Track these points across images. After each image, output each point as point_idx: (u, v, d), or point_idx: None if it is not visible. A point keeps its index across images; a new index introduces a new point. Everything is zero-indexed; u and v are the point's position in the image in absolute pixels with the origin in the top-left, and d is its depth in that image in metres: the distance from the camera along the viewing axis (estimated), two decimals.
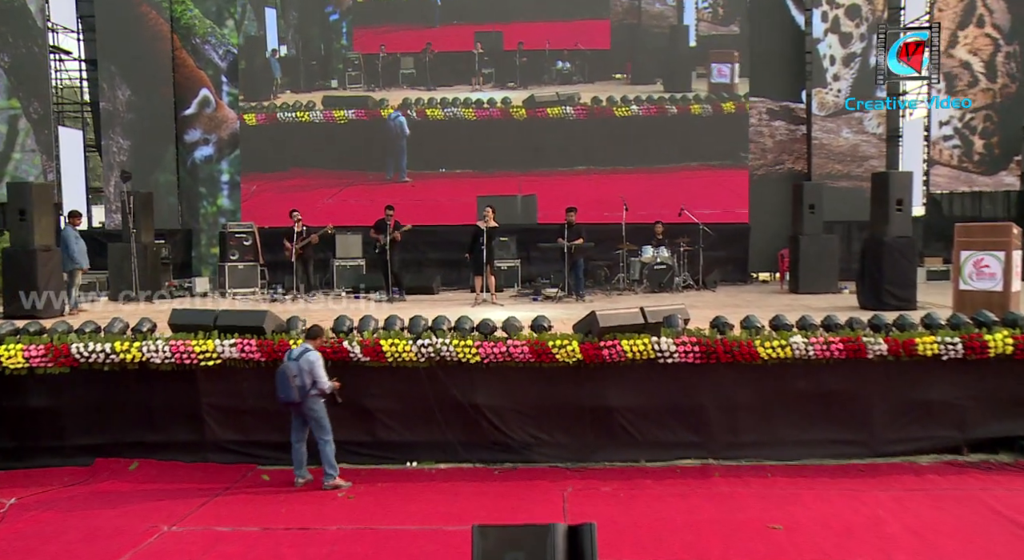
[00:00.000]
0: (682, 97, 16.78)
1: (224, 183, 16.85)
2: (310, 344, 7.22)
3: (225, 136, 16.70)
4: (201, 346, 7.73)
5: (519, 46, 17.00)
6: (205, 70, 16.60)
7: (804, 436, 7.90)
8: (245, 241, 14.20)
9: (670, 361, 7.75)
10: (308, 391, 7.06)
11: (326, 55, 16.86)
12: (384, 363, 7.79)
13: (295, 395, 7.05)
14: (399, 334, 7.86)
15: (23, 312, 10.16)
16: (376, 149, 16.86)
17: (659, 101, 16.79)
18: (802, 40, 16.68)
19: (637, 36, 16.95)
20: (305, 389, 7.04)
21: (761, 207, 16.54)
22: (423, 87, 16.98)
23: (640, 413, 7.92)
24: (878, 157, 16.48)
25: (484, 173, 16.71)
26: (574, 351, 7.69)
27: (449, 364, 7.81)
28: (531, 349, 7.72)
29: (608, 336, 7.76)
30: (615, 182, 16.38)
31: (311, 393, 7.07)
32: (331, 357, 7.75)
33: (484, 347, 7.74)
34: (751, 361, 7.75)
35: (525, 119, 16.95)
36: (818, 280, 13.27)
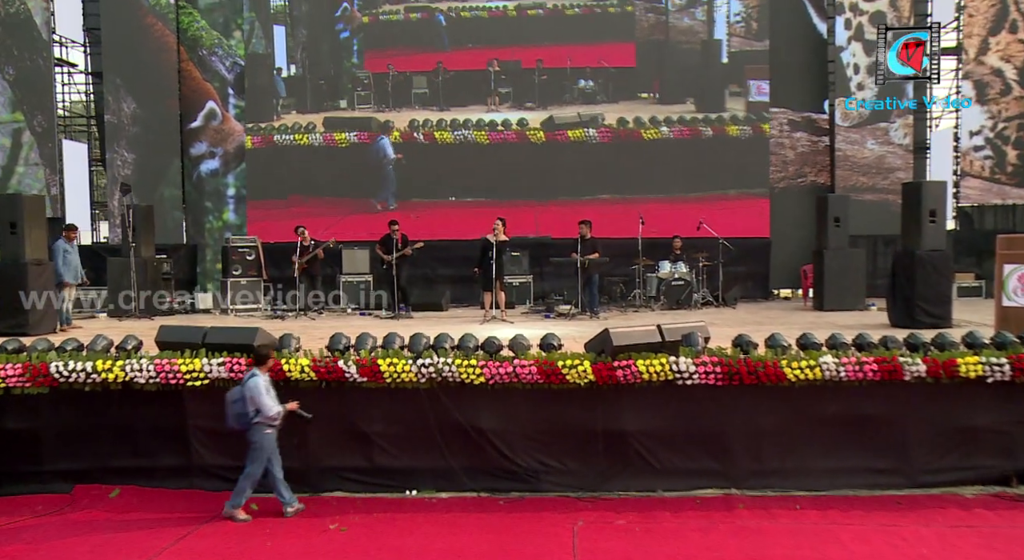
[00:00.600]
0: (717, 117, 15.90)
1: (230, 197, 16.48)
2: (258, 369, 6.73)
3: (231, 149, 16.35)
4: (188, 365, 7.25)
5: (538, 64, 16.21)
6: (211, 82, 16.28)
7: (835, 464, 7.29)
8: (248, 256, 13.78)
9: (689, 383, 7.19)
10: (251, 419, 6.57)
11: (335, 74, 16.33)
12: (382, 384, 7.28)
13: (233, 422, 6.63)
14: (398, 353, 7.35)
15: (13, 328, 9.76)
16: (379, 175, 16.16)
17: (692, 122, 15.88)
18: (824, 49, 16.14)
19: (665, 53, 16.12)
20: (247, 417, 6.59)
21: (782, 221, 15.93)
22: (435, 107, 16.30)
23: (657, 438, 7.35)
24: (905, 169, 15.86)
25: (498, 201, 15.29)
26: (586, 372, 7.15)
27: (452, 385, 7.29)
28: (539, 369, 7.18)
29: (622, 356, 7.21)
30: (644, 212, 14.43)
31: (255, 421, 6.59)
32: (325, 377, 7.27)
33: (489, 367, 7.21)
34: (777, 383, 7.17)
35: (543, 143, 16.05)
36: (844, 296, 12.66)
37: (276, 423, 6.70)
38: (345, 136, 16.07)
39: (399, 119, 16.21)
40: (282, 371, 7.25)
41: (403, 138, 16.18)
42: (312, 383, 7.31)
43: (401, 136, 16.18)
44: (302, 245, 12.73)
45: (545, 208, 15.82)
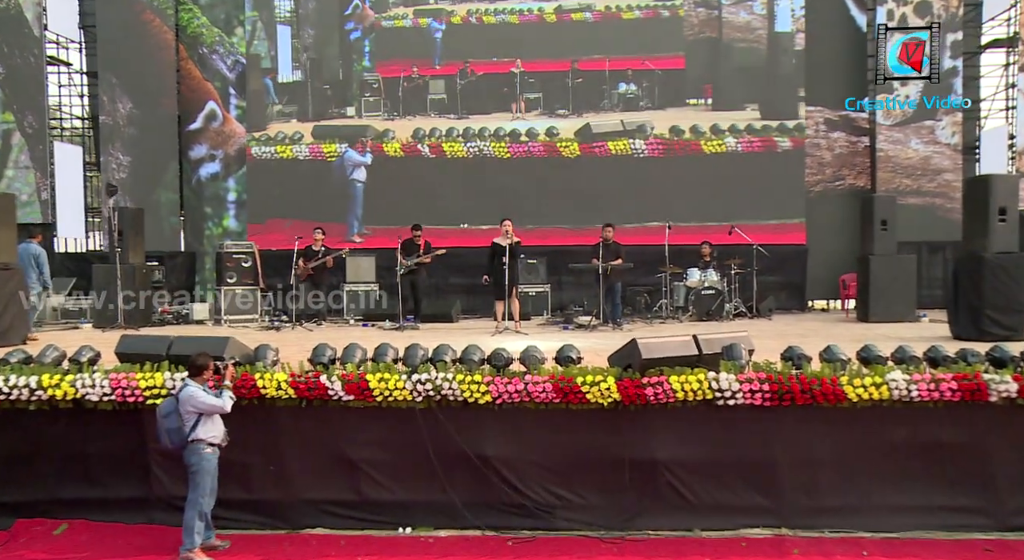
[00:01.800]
0: (796, 126, 14.36)
1: (231, 203, 15.58)
2: (192, 381, 5.77)
3: (232, 152, 15.47)
4: (147, 380, 6.27)
5: (572, 65, 14.68)
6: (212, 82, 15.45)
7: (906, 501, 6.16)
8: (244, 263, 12.84)
9: (732, 403, 6.10)
10: (187, 436, 5.64)
11: (344, 79, 15.16)
12: (372, 403, 6.26)
13: (165, 440, 5.73)
14: (391, 367, 6.32)
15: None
16: (373, 193, 14.70)
17: (764, 131, 14.34)
18: (863, 43, 15.02)
19: (718, 53, 14.70)
20: (182, 434, 5.67)
21: (818, 228, 14.74)
22: (452, 115, 14.85)
23: (693, 469, 6.26)
24: (953, 170, 14.66)
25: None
26: (610, 390, 6.08)
27: (453, 405, 6.25)
28: (555, 387, 6.13)
29: (653, 371, 6.14)
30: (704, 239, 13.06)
31: (192, 439, 5.67)
32: (306, 394, 6.26)
33: (496, 384, 6.16)
34: (836, 404, 6.06)
35: (578, 156, 14.38)
36: (892, 307, 11.49)
37: (220, 441, 5.74)
38: (335, 148, 14.88)
39: (403, 128, 14.75)
40: (256, 388, 6.26)
41: (404, 151, 14.74)
42: (290, 402, 6.31)
43: (402, 148, 14.76)
44: (313, 249, 11.84)
45: (579, 236, 13.48)
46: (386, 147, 14.87)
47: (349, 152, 14.86)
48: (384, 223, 14.35)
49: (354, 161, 14.90)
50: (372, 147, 14.89)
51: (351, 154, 14.88)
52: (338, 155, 14.84)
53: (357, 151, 14.88)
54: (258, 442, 6.37)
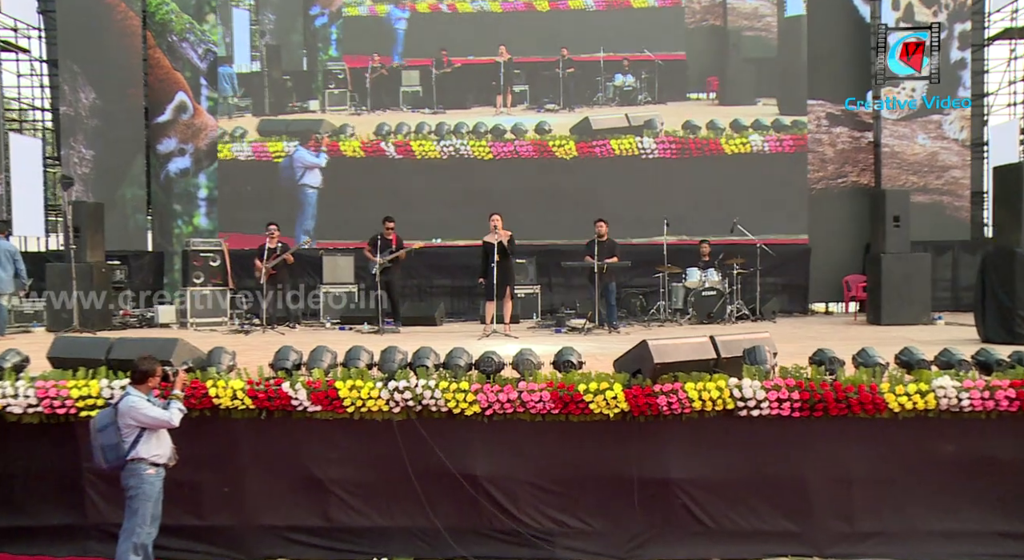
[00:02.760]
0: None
1: (202, 199, 14.67)
2: (135, 389, 4.93)
3: (203, 146, 14.55)
4: (81, 389, 5.42)
5: (563, 54, 13.64)
6: (182, 72, 14.55)
7: (955, 526, 5.40)
8: (212, 262, 11.94)
9: (756, 414, 5.33)
10: (125, 454, 4.80)
11: (309, 69, 14.08)
12: (342, 415, 5.44)
13: (99, 459, 4.90)
14: (364, 373, 5.49)
15: None
16: (328, 201, 13.37)
17: (795, 128, 13.34)
18: (866, 33, 14.36)
19: (726, 42, 13.76)
20: (119, 452, 4.83)
21: (820, 226, 14.03)
22: (426, 109, 13.71)
23: (712, 488, 5.47)
24: (961, 166, 14.01)
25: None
26: (617, 399, 5.29)
27: (436, 417, 5.44)
28: (554, 396, 5.32)
29: (666, 377, 5.35)
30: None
31: (131, 457, 4.83)
32: (265, 405, 5.42)
33: (486, 393, 5.35)
34: (874, 414, 5.30)
35: (574, 158, 13.18)
36: (905, 309, 10.76)
37: (166, 460, 4.90)
38: (283, 147, 13.76)
39: (367, 124, 13.55)
40: (208, 397, 5.41)
41: (365, 150, 13.62)
42: (249, 413, 5.48)
43: (363, 147, 13.66)
44: (268, 248, 10.88)
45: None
46: (343, 146, 13.72)
47: (299, 151, 13.72)
48: (340, 236, 13.15)
49: (305, 162, 13.70)
50: (328, 145, 13.73)
51: (302, 154, 13.73)
52: (286, 155, 13.75)
53: (310, 150, 13.75)
54: (211, 460, 5.54)
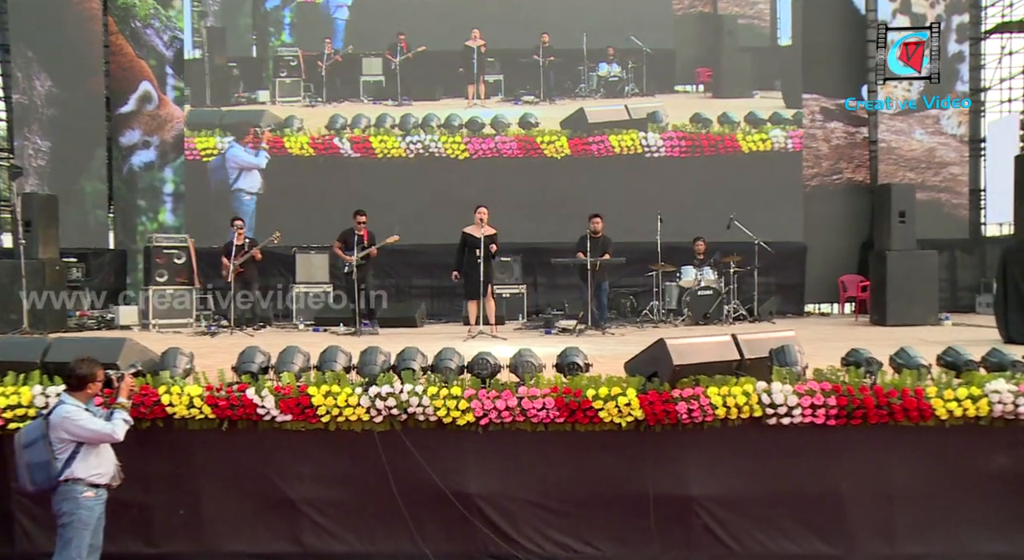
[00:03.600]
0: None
1: (167, 195, 13.82)
2: (70, 396, 4.20)
3: (169, 139, 13.71)
4: (9, 397, 4.67)
5: (543, 41, 12.81)
6: (147, 60, 13.71)
7: (1009, 549, 4.81)
8: (177, 259, 11.14)
9: (786, 422, 4.71)
10: (58, 474, 4.08)
11: (259, 56, 13.10)
12: (316, 425, 4.73)
13: (25, 479, 4.16)
14: (341, 378, 4.80)
15: None
16: (268, 210, 12.19)
17: (793, 122, 12.69)
18: (862, 26, 13.89)
19: (715, 30, 13.15)
20: (49, 471, 4.10)
21: (814, 225, 13.51)
22: (389, 101, 12.70)
23: (737, 506, 4.84)
24: (959, 163, 13.58)
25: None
26: (630, 406, 4.64)
27: (424, 427, 4.76)
28: (559, 403, 4.66)
29: (686, 381, 4.72)
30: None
31: (64, 478, 4.11)
32: (228, 414, 4.71)
33: (482, 399, 4.68)
34: (918, 422, 4.70)
35: (566, 156, 12.17)
36: (911, 308, 10.24)
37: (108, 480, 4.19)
38: (215, 143, 12.69)
39: (314, 117, 12.45)
40: (160, 406, 4.69)
41: (315, 147, 12.60)
42: (207, 424, 4.77)
43: (311, 143, 12.65)
44: (235, 244, 10.13)
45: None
46: (288, 142, 12.62)
47: (233, 149, 12.57)
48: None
49: (240, 162, 12.53)
50: (270, 141, 12.66)
51: (236, 152, 12.58)
52: (218, 153, 12.77)
53: (247, 147, 12.65)
54: (164, 477, 4.82)
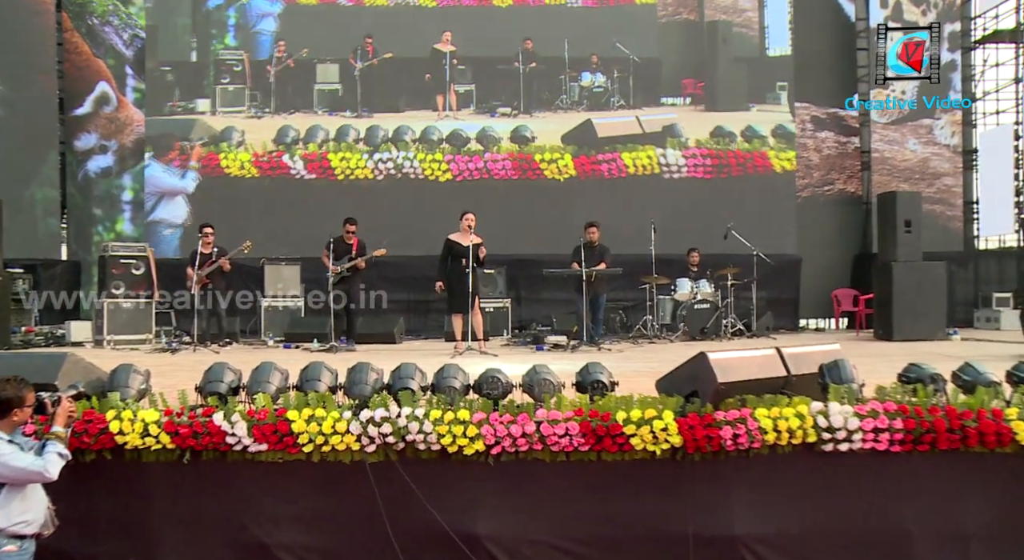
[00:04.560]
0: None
1: (126, 204, 12.92)
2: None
3: (129, 143, 12.83)
4: None
5: (525, 47, 12.16)
6: (105, 59, 12.85)
7: None
8: (135, 269, 10.29)
9: (844, 448, 4.07)
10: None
11: (200, 60, 12.27)
12: (296, 456, 3.98)
13: None
14: (327, 400, 4.05)
15: None
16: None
17: (787, 137, 12.17)
18: (852, 33, 13.55)
19: (701, 39, 12.76)
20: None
21: (806, 238, 13.02)
22: (349, 112, 11.94)
23: (788, 547, 4.16)
24: (953, 174, 13.25)
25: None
26: (667, 431, 3.97)
27: (424, 457, 4.03)
28: (584, 427, 3.97)
29: (731, 401, 4.06)
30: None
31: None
32: (191, 444, 3.94)
33: (494, 425, 3.97)
34: (994, 448, 4.09)
35: (570, 178, 11.47)
36: (919, 323, 9.76)
37: (38, 528, 3.42)
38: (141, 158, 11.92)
39: (258, 129, 11.58)
40: (109, 434, 3.91)
41: (258, 165, 11.72)
42: (166, 455, 3.99)
43: (254, 161, 11.78)
44: (202, 253, 9.32)
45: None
46: (226, 160, 11.73)
47: (151, 169, 11.58)
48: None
49: (159, 186, 11.54)
50: (201, 159, 11.73)
51: (154, 173, 11.55)
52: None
53: (170, 167, 11.64)
54: (112, 521, 4.03)
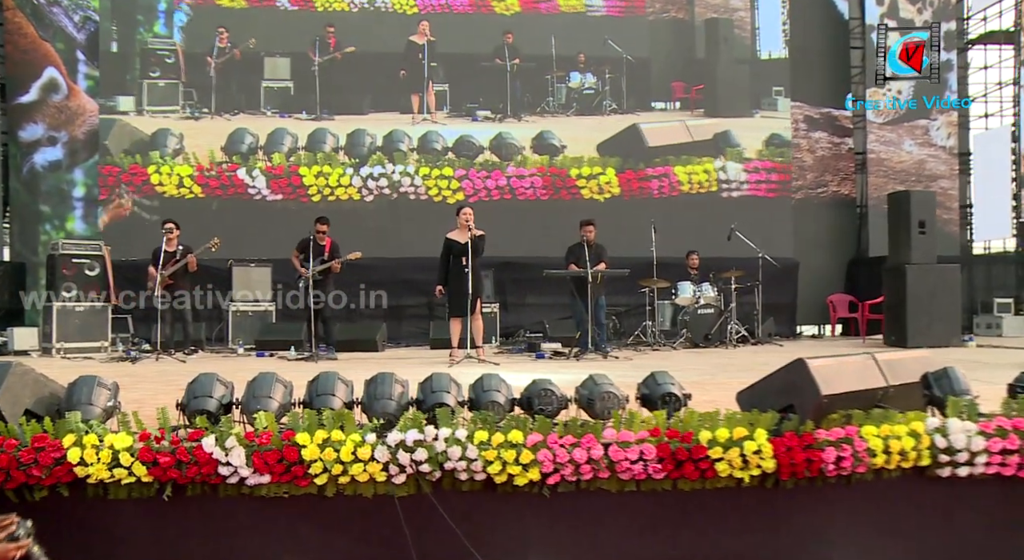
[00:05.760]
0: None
1: (77, 200, 11.85)
2: None
3: (81, 135, 11.78)
4: None
5: (506, 41, 11.41)
6: (53, 43, 11.76)
7: None
8: (89, 270, 9.28)
9: (964, 472, 3.41)
10: None
11: (122, 50, 11.26)
12: (306, 489, 3.18)
13: None
14: (346, 419, 3.25)
15: None
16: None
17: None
18: (845, 32, 13.14)
19: (691, 39, 12.22)
20: None
21: (800, 242, 12.54)
22: (307, 114, 11.08)
23: None
24: (950, 176, 12.87)
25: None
26: (761, 454, 3.26)
27: (463, 489, 3.26)
28: (663, 450, 3.25)
29: (835, 418, 3.38)
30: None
31: None
32: (172, 476, 3.12)
33: (554, 449, 3.22)
34: None
35: (611, 199, 11.09)
36: (934, 329, 9.21)
37: None
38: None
39: (201, 133, 10.84)
40: (66, 465, 3.07)
41: (202, 182, 10.89)
42: (141, 490, 3.15)
43: (197, 177, 10.95)
44: (166, 251, 8.38)
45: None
46: (157, 176, 10.98)
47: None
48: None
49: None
50: (123, 176, 11.00)
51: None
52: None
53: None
54: None
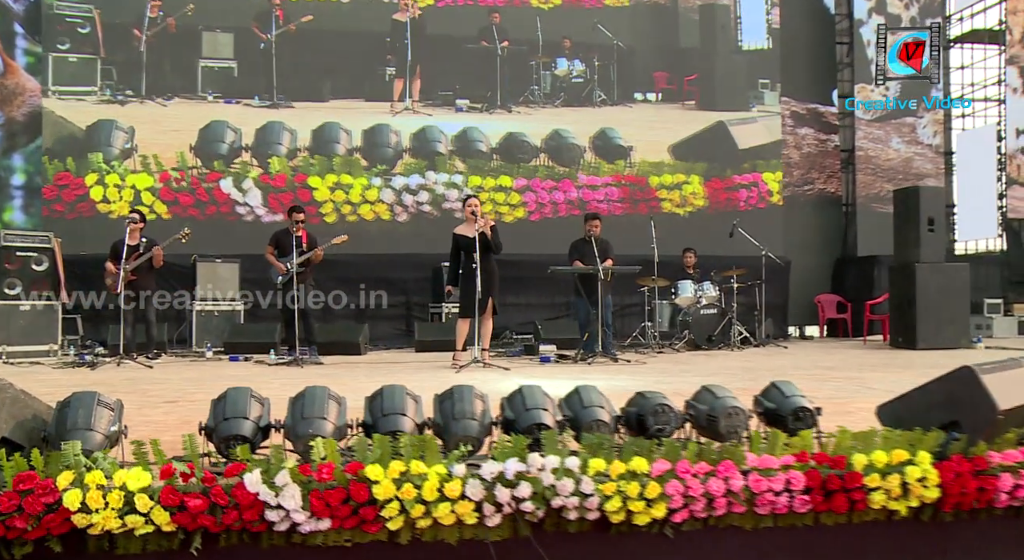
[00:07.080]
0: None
1: (17, 188, 10.79)
2: None
3: (20, 117, 10.72)
4: None
5: (493, 20, 10.86)
6: None
7: None
8: (36, 264, 8.31)
9: None
10: None
11: (28, 13, 10.26)
12: (373, 535, 2.48)
13: None
14: (428, 445, 2.56)
15: None
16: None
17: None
18: (831, 27, 12.87)
19: (675, 27, 11.85)
20: None
21: (787, 241, 12.20)
22: (259, 100, 10.30)
23: None
24: (936, 175, 12.70)
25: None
26: (925, 481, 2.69)
27: (568, 530, 2.61)
28: (814, 479, 2.65)
29: (1009, 438, 2.83)
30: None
31: None
32: (203, 523, 2.38)
33: (686, 478, 2.59)
34: None
35: (695, 213, 10.95)
36: (944, 329, 8.93)
37: None
38: None
39: (157, 127, 10.01)
40: (61, 513, 2.31)
41: (169, 198, 10.17)
42: (158, 542, 2.40)
43: (162, 190, 10.18)
44: (128, 244, 7.48)
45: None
46: (99, 189, 10.15)
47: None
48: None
49: None
50: (45, 187, 10.16)
51: None
52: None
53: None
54: None
